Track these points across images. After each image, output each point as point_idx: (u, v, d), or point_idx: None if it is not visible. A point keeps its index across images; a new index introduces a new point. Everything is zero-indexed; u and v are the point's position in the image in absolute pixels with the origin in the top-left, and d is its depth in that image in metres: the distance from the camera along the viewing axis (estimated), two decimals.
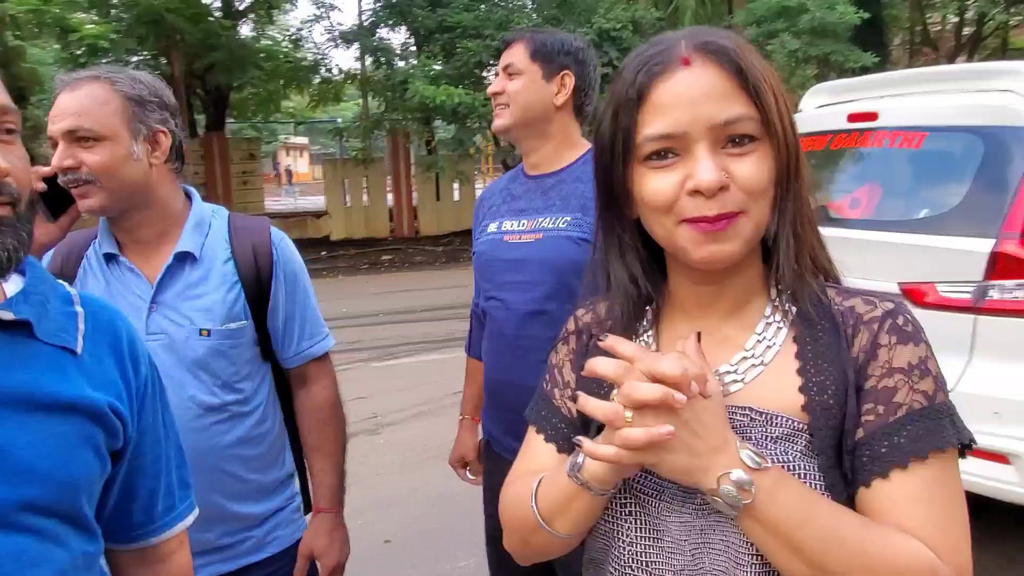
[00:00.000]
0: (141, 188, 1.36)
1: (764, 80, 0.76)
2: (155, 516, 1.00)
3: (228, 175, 14.69)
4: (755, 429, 0.78)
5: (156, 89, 1.38)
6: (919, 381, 0.75)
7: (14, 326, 0.83)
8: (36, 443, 0.81)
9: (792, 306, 0.82)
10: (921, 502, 0.73)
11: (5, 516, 0.78)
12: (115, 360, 0.93)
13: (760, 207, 0.77)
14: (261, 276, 1.44)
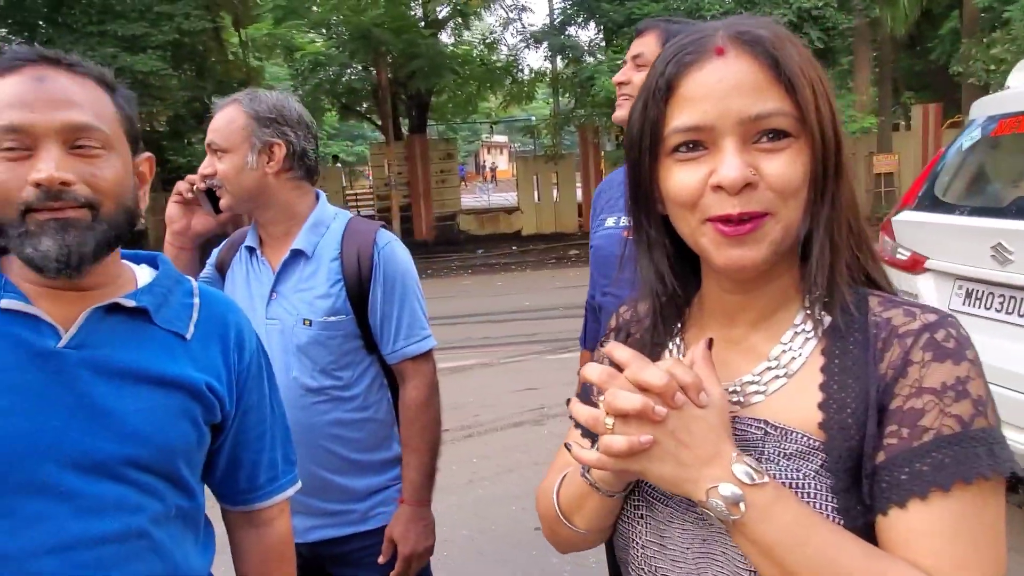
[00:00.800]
0: (258, 192, 1.56)
1: (802, 73, 0.71)
2: (258, 485, 1.15)
3: (428, 174, 15.71)
4: (769, 443, 0.74)
5: (276, 106, 1.56)
6: (952, 404, 0.68)
7: (136, 312, 0.98)
8: (143, 411, 0.96)
9: (827, 316, 0.76)
10: (940, 537, 0.67)
11: (111, 469, 0.93)
12: (220, 347, 1.06)
13: (790, 209, 0.72)
14: (362, 276, 1.56)
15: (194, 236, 1.64)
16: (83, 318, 0.94)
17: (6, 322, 0.91)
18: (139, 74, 11.32)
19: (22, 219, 0.89)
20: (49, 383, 0.91)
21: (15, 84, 0.90)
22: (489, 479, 4.13)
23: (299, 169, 1.59)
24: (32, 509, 0.89)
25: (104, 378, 0.94)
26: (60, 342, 0.93)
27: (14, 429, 0.89)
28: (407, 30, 11.93)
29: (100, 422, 0.93)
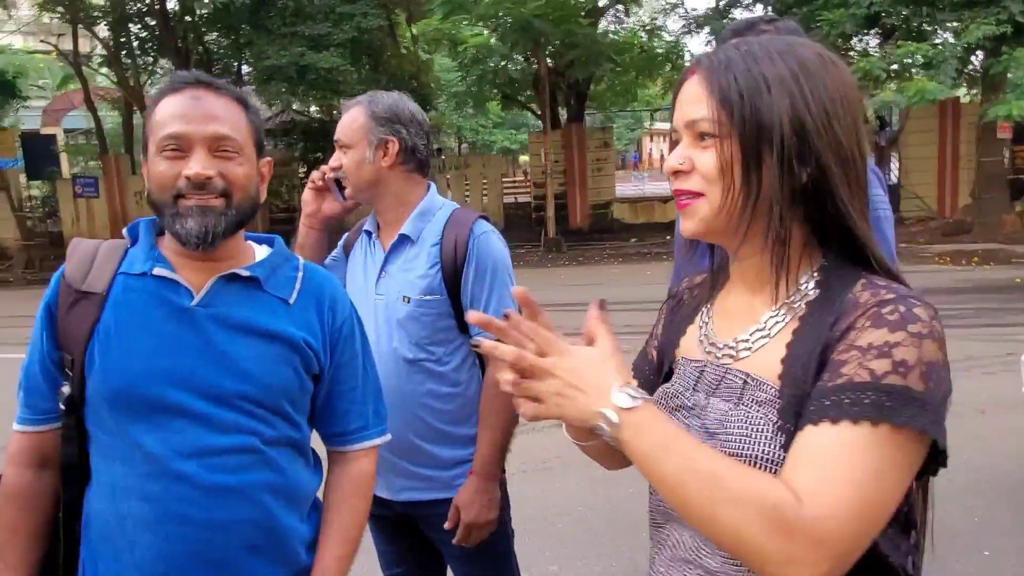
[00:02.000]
0: (374, 183, 1.79)
1: (731, 85, 0.87)
2: (349, 431, 1.38)
3: (584, 162, 15.83)
4: (747, 391, 0.89)
5: (391, 107, 1.77)
6: (871, 360, 0.79)
7: (250, 280, 1.25)
8: (253, 357, 1.22)
9: (816, 290, 0.90)
10: (816, 458, 0.78)
11: (229, 400, 1.20)
12: (317, 311, 1.31)
13: (713, 192, 0.89)
14: (457, 261, 1.72)
15: (323, 219, 1.89)
16: (210, 283, 1.22)
17: (157, 285, 1.21)
18: (322, 70, 12.38)
19: (174, 203, 1.18)
20: (184, 332, 1.20)
21: (178, 102, 1.20)
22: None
23: (411, 163, 1.80)
24: (176, 424, 1.18)
25: (224, 330, 1.21)
26: (193, 301, 1.21)
27: (160, 364, 1.18)
28: (568, 19, 12.08)
29: (221, 363, 1.20)
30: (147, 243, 1.25)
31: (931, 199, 14.31)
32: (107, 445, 1.20)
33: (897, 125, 14.01)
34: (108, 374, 1.17)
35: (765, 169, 0.86)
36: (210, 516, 1.18)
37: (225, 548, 1.19)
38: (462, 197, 16.55)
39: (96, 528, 1.21)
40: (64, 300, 1.22)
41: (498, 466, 1.77)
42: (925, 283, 9.38)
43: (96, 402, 1.19)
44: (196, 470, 1.17)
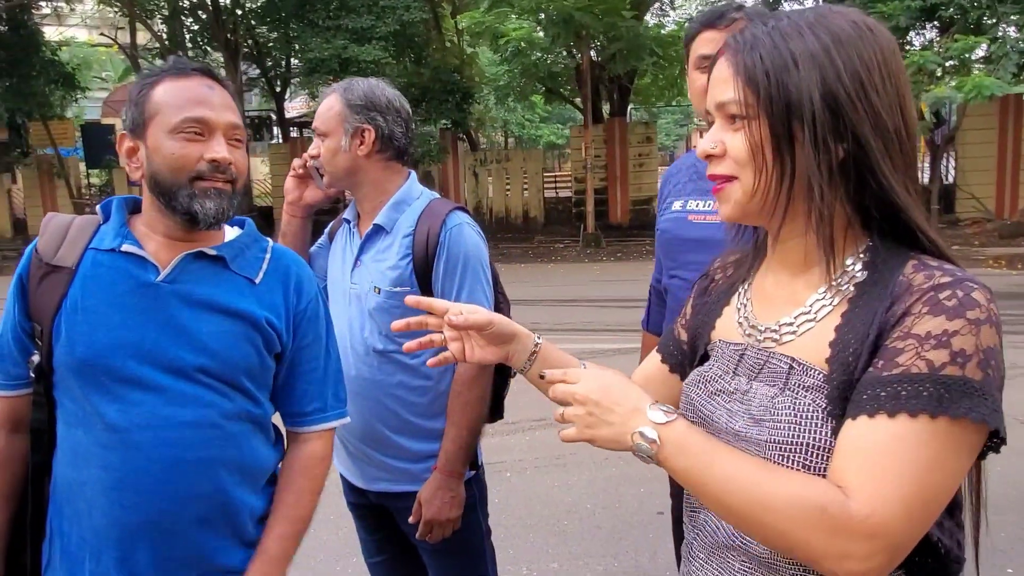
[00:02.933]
0: (351, 172, 1.77)
1: (756, 66, 0.85)
2: (304, 412, 1.40)
3: (625, 157, 15.65)
4: (792, 376, 0.87)
5: (366, 94, 1.74)
6: (930, 350, 0.77)
7: (216, 259, 1.28)
8: (214, 333, 1.25)
9: (863, 272, 0.87)
10: (870, 452, 0.77)
11: (189, 373, 1.23)
12: (281, 291, 1.34)
13: (745, 175, 0.87)
14: (428, 253, 1.69)
15: (305, 206, 1.89)
16: (176, 260, 1.25)
17: (124, 261, 1.25)
18: (365, 63, 12.48)
19: (190, 184, 1.22)
20: (148, 306, 1.23)
21: (193, 87, 1.24)
22: (624, 459, 4.19)
23: (388, 151, 1.77)
24: (135, 396, 1.21)
25: (187, 306, 1.25)
26: (158, 277, 1.24)
27: (123, 337, 1.22)
28: (612, 12, 11.92)
29: (182, 337, 1.23)
30: (118, 220, 1.28)
31: (988, 200, 13.73)
32: (71, 413, 1.24)
33: (954, 123, 13.44)
34: (73, 345, 1.21)
35: (798, 148, 0.84)
36: (165, 488, 1.21)
37: (177, 519, 1.22)
38: (503, 191, 16.55)
39: (61, 491, 1.26)
40: (35, 272, 1.27)
41: (462, 464, 1.73)
42: None
43: (62, 371, 1.23)
44: (154, 442, 1.21)
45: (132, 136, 1.26)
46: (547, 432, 4.44)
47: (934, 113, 12.84)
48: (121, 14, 17.20)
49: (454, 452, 1.71)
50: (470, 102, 15.77)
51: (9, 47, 15.34)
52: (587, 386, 0.88)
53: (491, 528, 1.93)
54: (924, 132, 13.24)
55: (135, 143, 1.26)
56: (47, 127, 16.84)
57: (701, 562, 0.97)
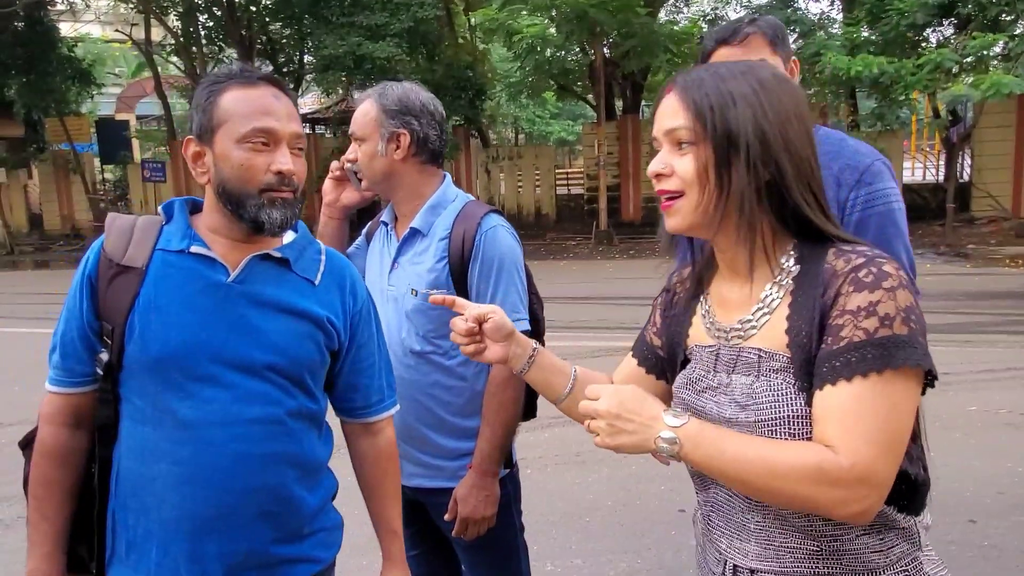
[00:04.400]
0: (387, 176, 1.78)
1: (703, 100, 1.02)
2: (371, 403, 1.47)
3: (638, 154, 15.63)
4: (762, 363, 1.04)
5: (401, 98, 1.76)
6: (863, 320, 0.95)
7: (281, 261, 1.33)
8: (281, 331, 1.30)
9: (796, 266, 1.05)
10: (840, 414, 0.94)
11: (258, 371, 1.28)
12: (339, 292, 1.40)
13: (693, 192, 1.04)
14: (464, 256, 1.71)
15: (343, 208, 1.92)
16: (245, 262, 1.30)
17: (194, 262, 1.29)
18: (378, 60, 12.52)
19: (259, 194, 1.26)
20: (219, 306, 1.27)
21: (261, 97, 1.26)
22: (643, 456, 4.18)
23: (423, 154, 1.79)
24: (207, 394, 1.26)
25: (256, 305, 1.29)
26: (229, 278, 1.28)
27: (195, 336, 1.26)
28: (625, 9, 11.90)
29: (252, 336, 1.28)
30: (183, 222, 1.32)
31: (1005, 198, 13.63)
32: (140, 410, 1.27)
33: (971, 120, 13.35)
34: (147, 344, 1.25)
35: (734, 170, 1.02)
36: (234, 482, 1.26)
37: (244, 513, 1.27)
38: (515, 187, 16.56)
39: (126, 485, 1.29)
40: (105, 273, 1.29)
41: (496, 463, 1.76)
42: (992, 286, 8.96)
43: (133, 369, 1.26)
44: (224, 438, 1.25)
45: (199, 141, 1.29)
46: (566, 429, 4.46)
47: (950, 111, 12.77)
48: (136, 10, 17.30)
49: (489, 452, 1.74)
50: (483, 99, 15.79)
51: (26, 44, 15.47)
52: (608, 402, 1.02)
53: (524, 525, 1.95)
54: (940, 130, 13.18)
55: (202, 148, 1.29)
56: (63, 123, 16.98)
57: (722, 529, 1.12)
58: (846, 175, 1.58)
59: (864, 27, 11.67)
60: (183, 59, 17.27)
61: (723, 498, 1.10)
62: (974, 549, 3.10)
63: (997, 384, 5.10)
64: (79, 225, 18.70)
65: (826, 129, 1.72)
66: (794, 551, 1.04)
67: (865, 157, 1.60)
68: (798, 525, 1.03)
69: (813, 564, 1.03)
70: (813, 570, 1.03)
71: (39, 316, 9.13)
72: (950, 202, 12.57)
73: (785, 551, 1.04)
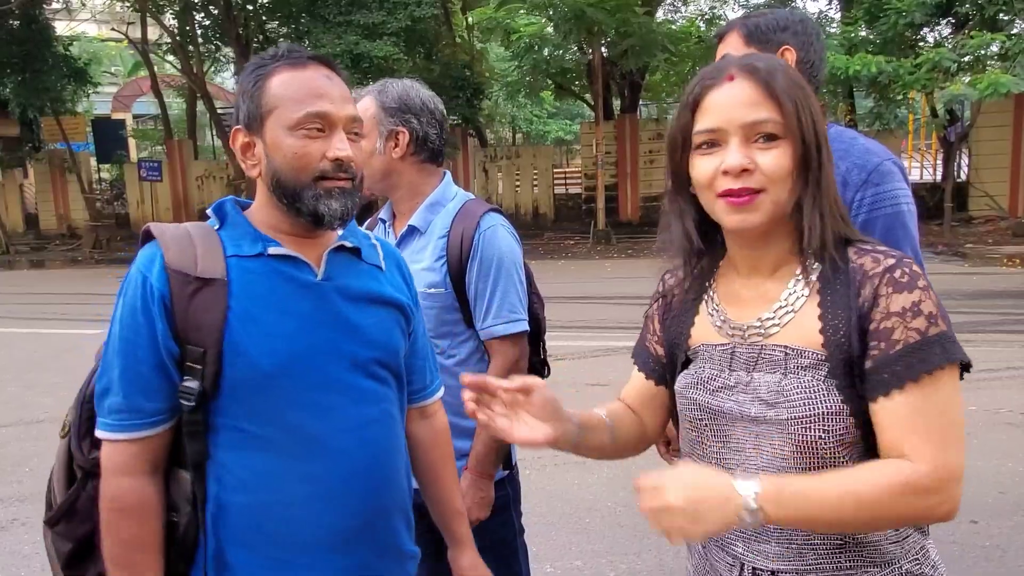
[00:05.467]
0: (386, 174, 1.76)
1: (787, 92, 0.99)
2: (426, 385, 1.44)
3: (636, 154, 15.62)
4: (789, 361, 1.02)
5: (400, 96, 1.73)
6: (912, 320, 0.96)
7: (351, 251, 1.26)
8: (376, 324, 1.24)
9: (818, 265, 1.04)
10: (912, 415, 0.95)
11: (366, 367, 1.22)
12: (400, 275, 1.36)
13: (778, 189, 1.00)
14: (462, 255, 1.69)
15: None
16: (326, 256, 1.22)
17: (276, 264, 1.19)
18: (375, 59, 12.48)
19: (315, 183, 1.16)
20: (316, 307, 1.19)
21: (312, 79, 1.16)
22: (647, 456, 4.16)
23: (423, 152, 1.76)
24: (326, 401, 1.18)
25: (348, 301, 1.23)
26: (317, 276, 1.20)
27: (303, 343, 1.17)
28: (623, 8, 11.89)
29: (354, 333, 1.22)
30: (246, 224, 1.22)
31: (1002, 198, 13.64)
32: (250, 435, 1.15)
33: (968, 120, 13.35)
34: (256, 359, 1.13)
35: (813, 170, 1.01)
36: (374, 487, 1.21)
37: (384, 515, 1.24)
38: (513, 187, 16.54)
39: (237, 521, 1.16)
40: (181, 289, 1.13)
41: (492, 465, 1.73)
42: (989, 286, 8.96)
43: (237, 393, 1.14)
44: (355, 443, 1.20)
45: (247, 131, 1.19)
46: None
47: (948, 111, 12.77)
48: (132, 9, 17.24)
49: (484, 453, 1.71)
50: (480, 98, 15.76)
51: (22, 42, 15.41)
52: (677, 494, 0.91)
53: (524, 527, 1.93)
54: (938, 129, 13.19)
55: (251, 139, 1.19)
56: (59, 122, 16.91)
57: (736, 533, 1.08)
58: (853, 175, 1.54)
59: (862, 26, 11.66)
60: (179, 58, 17.21)
61: None
62: (977, 550, 3.08)
63: (998, 383, 5.08)
64: (75, 225, 18.63)
65: (838, 127, 1.69)
66: (816, 548, 1.03)
67: (874, 157, 1.56)
68: None
69: (835, 559, 1.03)
70: (835, 564, 1.03)
71: (35, 316, 9.09)
72: (948, 201, 12.57)
73: (808, 548, 1.03)
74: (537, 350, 1.95)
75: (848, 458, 1.00)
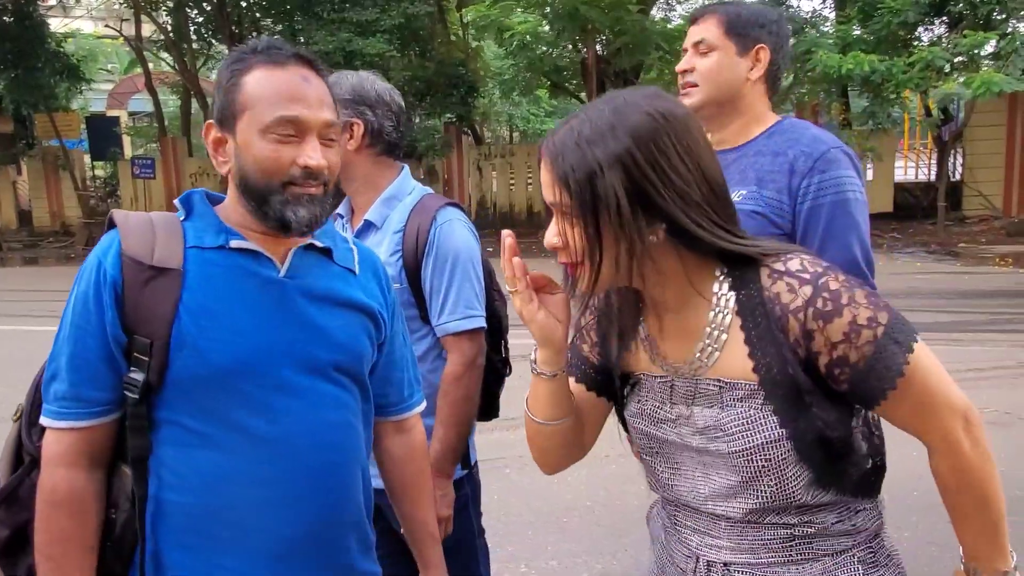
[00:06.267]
0: (341, 167, 1.71)
1: (568, 175, 0.96)
2: (404, 398, 1.39)
3: None
4: (724, 393, 1.02)
5: (354, 88, 1.71)
6: (858, 339, 0.95)
7: (322, 251, 1.23)
8: (341, 326, 1.20)
9: (732, 292, 1.01)
10: (911, 405, 0.98)
11: (326, 371, 1.18)
12: (376, 281, 1.31)
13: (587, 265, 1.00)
14: (418, 249, 1.66)
15: None
16: (292, 253, 1.18)
17: (237, 258, 1.15)
18: (369, 56, 12.43)
19: (283, 189, 1.12)
20: (277, 304, 1.16)
21: (289, 80, 1.12)
22: (626, 456, 4.13)
23: (379, 145, 1.73)
24: (282, 403, 1.14)
25: (311, 301, 1.19)
26: (280, 272, 1.17)
27: (261, 340, 1.13)
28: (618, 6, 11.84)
29: (316, 335, 1.17)
30: (212, 215, 1.19)
31: (996, 197, 13.62)
32: (196, 433, 1.11)
33: (962, 119, 13.33)
34: (208, 354, 1.10)
35: (611, 240, 0.96)
36: (329, 494, 1.17)
37: (337, 526, 1.19)
38: (507, 185, 16.50)
39: (177, 522, 1.12)
40: (134, 277, 1.10)
41: (450, 464, 1.71)
42: (982, 285, 8.94)
43: (184, 387, 1.10)
44: (312, 447, 1.15)
45: (220, 127, 1.15)
46: None
47: (942, 110, 12.74)
48: (126, 6, 17.18)
49: (442, 452, 1.68)
50: (475, 96, 15.71)
51: (15, 39, 15.33)
52: None
53: (484, 528, 1.90)
54: (932, 128, 13.16)
55: (223, 135, 1.15)
56: (52, 119, 16.84)
57: (691, 527, 1.11)
58: (800, 162, 1.54)
59: (856, 25, 11.62)
60: (173, 55, 17.16)
61: (688, 497, 1.09)
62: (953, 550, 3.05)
63: (985, 383, 5.08)
64: (68, 222, 18.56)
65: (792, 119, 1.69)
66: (768, 543, 1.05)
67: (822, 144, 1.56)
68: (771, 523, 1.04)
69: (787, 552, 1.04)
70: (786, 557, 1.04)
71: (28, 313, 9.05)
72: (941, 201, 12.55)
73: (759, 544, 1.05)
74: (499, 348, 1.93)
75: (795, 477, 1.00)
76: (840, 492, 1.03)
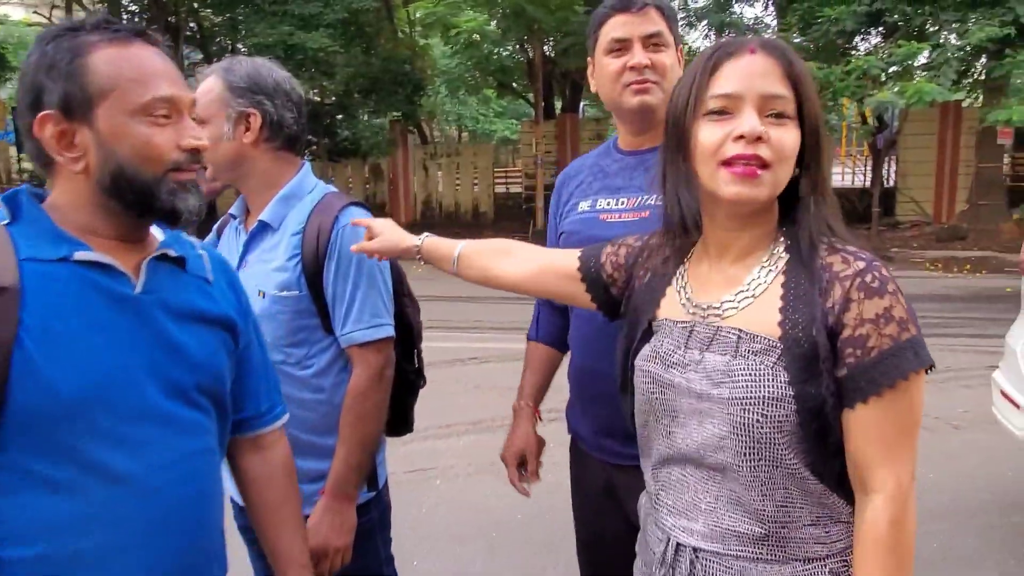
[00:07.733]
0: (236, 162, 1.57)
1: (804, 77, 1.02)
2: (262, 412, 1.27)
3: (576, 153, 15.53)
4: (742, 344, 1.03)
5: (250, 75, 1.54)
6: (885, 327, 0.97)
7: (175, 261, 1.09)
8: (200, 344, 1.09)
9: (787, 254, 1.06)
10: (883, 421, 0.97)
11: (188, 394, 1.07)
12: (229, 287, 1.21)
13: (782, 168, 1.01)
14: (319, 253, 1.51)
15: None
16: (145, 266, 1.05)
17: (83, 272, 1.00)
18: (311, 51, 12.13)
19: (166, 176, 1.02)
20: (132, 324, 1.03)
21: (148, 57, 1.02)
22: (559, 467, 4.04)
23: (277, 139, 1.58)
24: (142, 434, 1.02)
25: (171, 318, 1.07)
26: (136, 289, 1.04)
27: (114, 362, 1.00)
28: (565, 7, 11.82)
29: (175, 355, 1.06)
30: (44, 219, 1.02)
31: (927, 204, 14.07)
32: (28, 477, 0.95)
33: (896, 127, 13.73)
34: (57, 384, 0.95)
35: (814, 159, 1.04)
36: (196, 530, 1.09)
37: (199, 566, 1.10)
38: (453, 185, 16.36)
39: None
40: None
41: (353, 486, 1.56)
42: (913, 289, 9.18)
43: (31, 423, 0.94)
44: (176, 481, 1.05)
45: (66, 117, 0.99)
46: (483, 437, 4.28)
47: (877, 117, 13.09)
48: None
49: (344, 473, 1.54)
50: (421, 94, 15.51)
51: None
52: None
53: (393, 556, 1.77)
54: (867, 136, 13.51)
55: (71, 126, 1.00)
56: None
57: (669, 508, 1.12)
58: None
59: (796, 33, 11.84)
60: None
61: (676, 477, 1.11)
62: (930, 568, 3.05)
63: None
64: None
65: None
66: (741, 536, 1.04)
67: None
68: (750, 510, 1.04)
69: (757, 549, 1.04)
70: (756, 555, 1.04)
71: None
72: (875, 207, 12.89)
73: (732, 535, 1.05)
74: (411, 357, 1.80)
75: (786, 447, 1.00)
76: (822, 479, 1.02)
